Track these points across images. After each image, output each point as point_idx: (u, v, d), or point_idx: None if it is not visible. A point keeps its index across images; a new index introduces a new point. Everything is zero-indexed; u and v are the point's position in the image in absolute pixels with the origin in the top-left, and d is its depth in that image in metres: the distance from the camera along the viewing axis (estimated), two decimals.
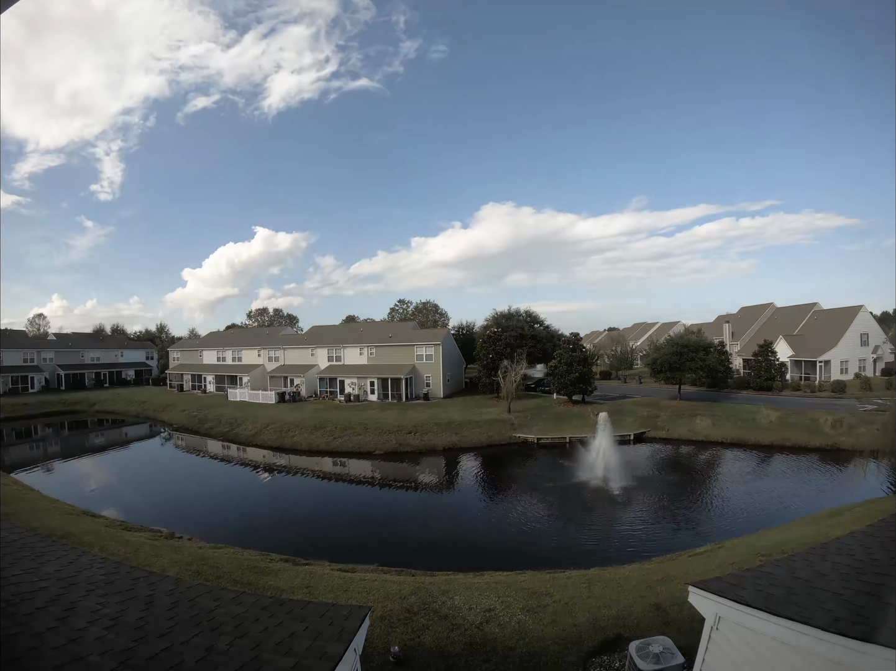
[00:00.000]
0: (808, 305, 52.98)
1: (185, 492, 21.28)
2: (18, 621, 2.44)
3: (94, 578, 3.58)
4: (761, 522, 15.21)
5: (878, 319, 49.15)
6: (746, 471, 22.13)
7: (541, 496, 18.73)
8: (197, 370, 52.61)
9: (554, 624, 7.76)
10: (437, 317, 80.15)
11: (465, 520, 16.94)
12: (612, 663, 6.51)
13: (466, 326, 57.68)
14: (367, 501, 19.82)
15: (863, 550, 4.05)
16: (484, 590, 9.39)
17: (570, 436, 27.74)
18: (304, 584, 9.85)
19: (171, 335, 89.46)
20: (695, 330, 45.36)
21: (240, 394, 43.58)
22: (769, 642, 3.34)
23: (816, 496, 17.91)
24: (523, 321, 44.45)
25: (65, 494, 18.77)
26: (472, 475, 23.68)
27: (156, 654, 2.48)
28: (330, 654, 2.80)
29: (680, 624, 7.29)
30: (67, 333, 65.81)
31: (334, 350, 45.32)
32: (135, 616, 2.96)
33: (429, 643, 7.22)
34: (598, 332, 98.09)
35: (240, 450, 29.17)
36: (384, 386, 40.51)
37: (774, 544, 11.33)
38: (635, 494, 18.41)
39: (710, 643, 4.18)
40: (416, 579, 10.48)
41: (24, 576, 3.19)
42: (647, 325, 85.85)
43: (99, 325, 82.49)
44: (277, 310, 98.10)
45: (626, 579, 9.92)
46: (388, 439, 27.53)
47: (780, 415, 28.28)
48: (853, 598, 3.08)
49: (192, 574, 9.86)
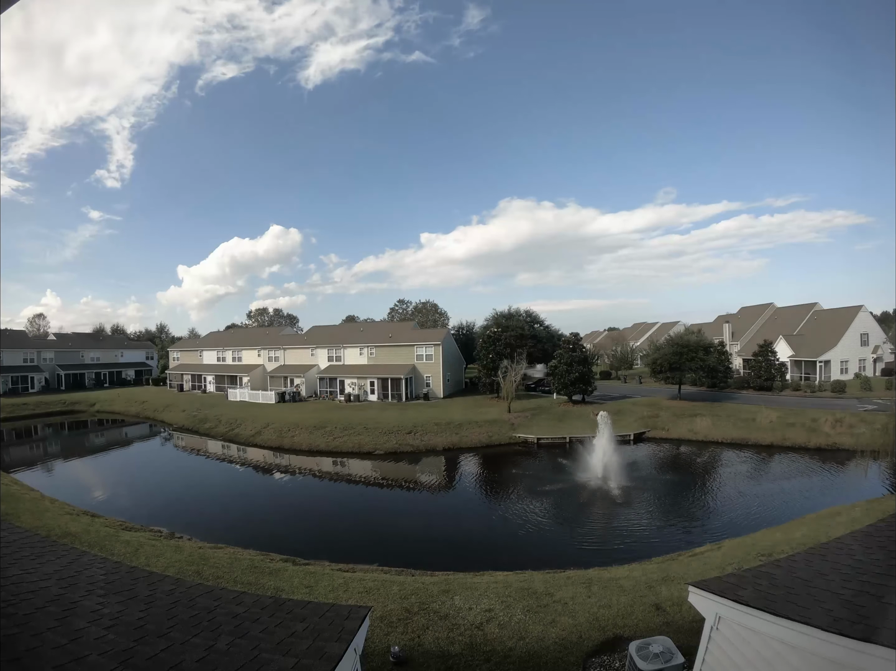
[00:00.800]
0: (808, 305, 52.99)
1: (185, 492, 21.26)
2: (18, 621, 2.44)
3: (94, 578, 3.58)
4: (761, 522, 15.20)
5: (878, 319, 49.16)
6: (746, 471, 22.12)
7: (541, 496, 18.72)
8: (197, 370, 52.62)
9: (554, 624, 7.75)
10: (436, 317, 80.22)
11: (465, 520, 16.94)
12: (612, 663, 6.51)
13: (466, 326, 57.69)
14: (366, 501, 19.82)
15: (863, 550, 4.05)
16: (484, 590, 9.39)
17: (570, 436, 27.74)
18: (304, 584, 9.85)
19: (171, 335, 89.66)
20: (695, 330, 45.40)
21: (240, 394, 43.60)
22: (769, 642, 3.34)
23: (816, 496, 17.90)
24: (523, 321, 44.43)
25: (65, 494, 18.76)
26: (471, 475, 23.68)
27: (156, 654, 2.48)
28: (330, 654, 2.80)
29: (680, 624, 7.30)
30: (67, 333, 65.84)
31: (334, 350, 45.33)
32: (135, 616, 2.96)
33: (429, 643, 7.22)
34: (598, 332, 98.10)
35: (240, 451, 29.17)
36: (384, 386, 40.51)
37: (774, 544, 11.33)
38: (635, 494, 18.41)
39: (710, 643, 4.18)
40: (416, 579, 10.48)
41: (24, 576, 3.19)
42: (647, 325, 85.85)
43: (99, 325, 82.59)
44: (277, 310, 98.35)
45: (625, 579, 9.91)
46: (388, 439, 27.53)
47: (780, 415, 28.28)
48: (853, 598, 3.07)
49: (192, 574, 9.86)
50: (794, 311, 54.49)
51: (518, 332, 41.27)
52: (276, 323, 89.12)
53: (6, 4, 2.23)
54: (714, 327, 60.11)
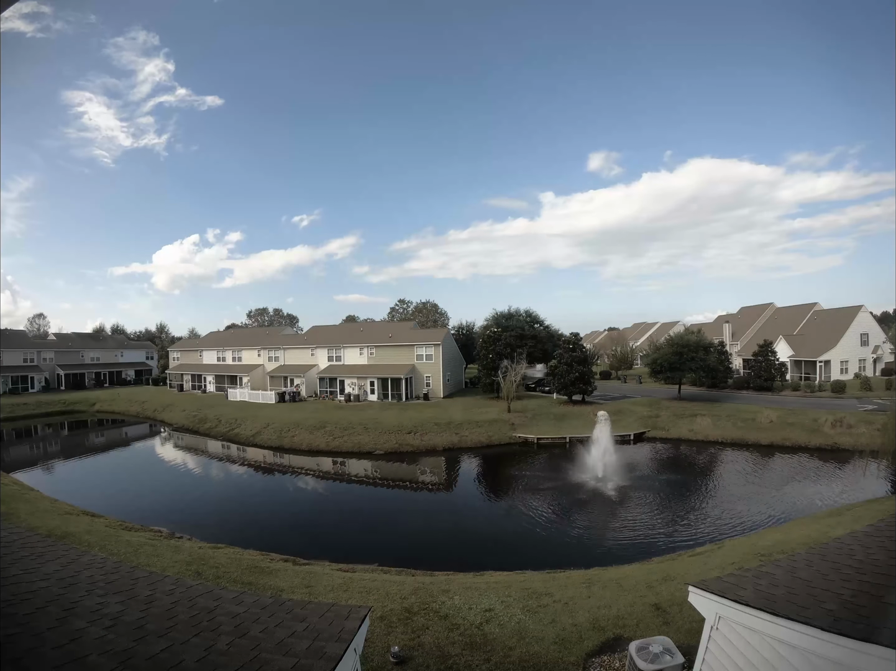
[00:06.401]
0: (808, 305, 52.98)
1: (186, 492, 21.26)
2: (18, 621, 2.44)
3: (94, 578, 3.58)
4: (761, 522, 15.22)
5: (878, 319, 49.16)
6: (746, 471, 22.12)
7: (540, 496, 18.73)
8: (197, 370, 52.61)
9: (554, 624, 7.75)
10: (437, 316, 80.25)
11: (464, 520, 16.95)
12: (612, 663, 6.50)
13: (466, 326, 57.74)
14: (366, 501, 19.82)
15: (863, 550, 4.05)
16: (484, 590, 9.39)
17: (570, 436, 27.74)
18: (304, 584, 9.85)
19: (171, 335, 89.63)
20: (695, 330, 45.39)
21: (240, 394, 43.59)
22: (769, 642, 3.33)
23: (816, 496, 17.90)
24: (523, 321, 44.46)
25: (65, 494, 18.76)
26: (471, 475, 23.69)
27: (156, 654, 2.48)
28: (330, 654, 2.80)
29: (680, 624, 7.30)
30: (67, 333, 65.83)
31: (334, 350, 45.33)
32: (135, 616, 2.96)
33: (429, 643, 7.22)
34: (598, 332, 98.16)
35: (240, 451, 29.16)
36: (384, 386, 40.51)
37: (774, 544, 11.33)
38: (635, 494, 18.41)
39: (710, 643, 4.18)
40: (416, 579, 10.48)
41: (24, 576, 3.19)
42: (647, 325, 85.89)
43: (99, 325, 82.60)
44: (277, 310, 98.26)
45: (625, 579, 9.91)
46: (388, 439, 27.52)
47: (779, 415, 28.28)
48: (853, 598, 3.07)
49: (192, 574, 9.86)
50: (794, 310, 54.47)
51: (518, 331, 41.31)
52: (276, 323, 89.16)
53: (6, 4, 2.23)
54: (714, 327, 60.12)
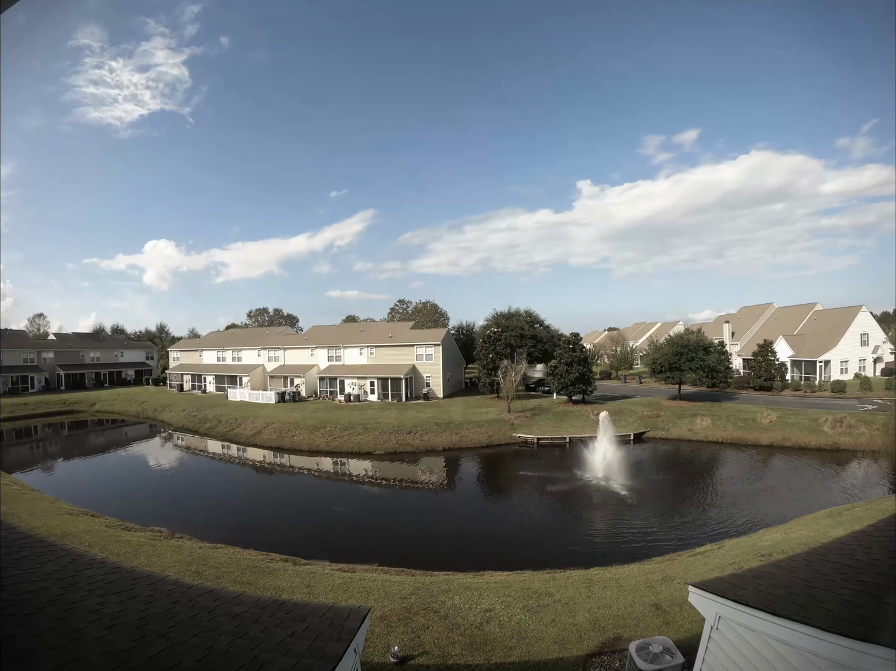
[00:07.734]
0: (808, 305, 52.98)
1: (185, 493, 21.27)
2: (18, 621, 2.43)
3: (94, 578, 3.57)
4: (761, 522, 15.21)
5: (878, 319, 49.16)
6: (746, 471, 22.12)
7: (540, 496, 18.73)
8: (197, 370, 52.61)
9: (554, 624, 7.75)
10: (437, 317, 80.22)
11: (464, 520, 16.95)
12: (612, 663, 6.51)
13: (466, 326, 57.72)
14: (367, 501, 19.82)
15: (863, 550, 4.05)
16: (484, 590, 9.39)
17: (570, 435, 27.75)
18: (304, 584, 9.84)
19: (171, 335, 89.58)
20: (695, 330, 45.36)
21: (240, 394, 43.59)
22: (769, 642, 3.33)
23: (816, 496, 17.90)
24: (523, 321, 44.46)
25: (65, 494, 18.77)
26: (471, 475, 23.68)
27: (156, 655, 2.48)
28: (330, 654, 2.80)
29: (680, 624, 7.30)
30: (67, 333, 65.85)
31: (334, 350, 45.33)
32: (135, 616, 2.95)
33: (429, 643, 7.22)
34: (598, 332, 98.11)
35: (240, 451, 29.16)
36: (384, 386, 40.51)
37: (774, 544, 11.34)
38: (635, 494, 18.40)
39: (710, 643, 4.18)
40: (416, 579, 10.48)
41: (23, 577, 3.19)
42: (647, 325, 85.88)
43: (99, 325, 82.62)
44: (277, 309, 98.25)
45: (625, 579, 9.91)
46: (387, 439, 27.52)
47: (779, 415, 28.28)
48: (853, 598, 3.07)
49: (192, 574, 9.86)
50: (794, 310, 54.46)
51: (518, 332, 41.30)
52: (276, 323, 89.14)
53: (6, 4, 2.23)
54: (714, 327, 60.09)
